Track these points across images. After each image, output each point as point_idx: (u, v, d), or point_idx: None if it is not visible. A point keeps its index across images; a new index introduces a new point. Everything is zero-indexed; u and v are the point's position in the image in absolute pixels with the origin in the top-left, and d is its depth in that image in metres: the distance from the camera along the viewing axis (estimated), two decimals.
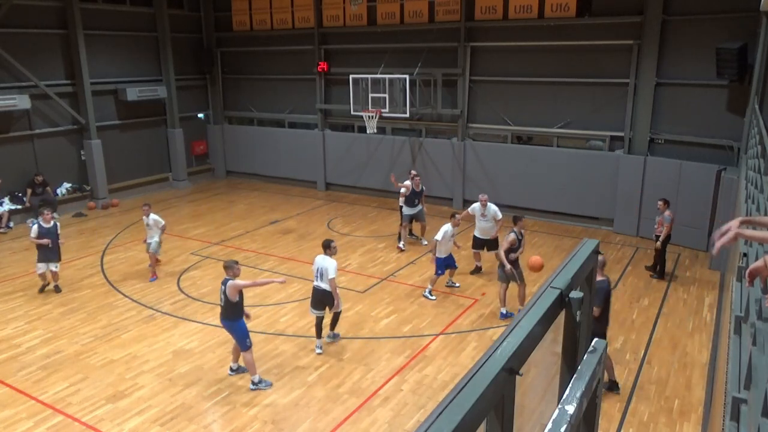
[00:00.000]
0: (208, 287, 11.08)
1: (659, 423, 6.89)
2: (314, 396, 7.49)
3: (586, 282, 2.55)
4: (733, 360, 3.13)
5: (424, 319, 9.66)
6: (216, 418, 7.08)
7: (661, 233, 11.00)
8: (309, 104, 18.90)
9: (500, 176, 15.72)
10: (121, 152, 18.19)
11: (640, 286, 11.08)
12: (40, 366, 8.24)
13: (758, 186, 5.60)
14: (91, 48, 16.82)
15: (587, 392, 2.23)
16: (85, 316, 9.87)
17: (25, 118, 15.86)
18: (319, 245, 13.38)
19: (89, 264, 12.40)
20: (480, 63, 15.81)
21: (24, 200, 15.48)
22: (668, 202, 11.16)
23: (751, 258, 3.83)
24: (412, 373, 8.02)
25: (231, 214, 16.09)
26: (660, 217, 11.11)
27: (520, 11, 14.68)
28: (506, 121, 15.68)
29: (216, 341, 8.94)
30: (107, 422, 6.95)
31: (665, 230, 10.95)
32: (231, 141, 20.95)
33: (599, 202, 14.41)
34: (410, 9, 16.37)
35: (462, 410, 1.40)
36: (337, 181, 18.91)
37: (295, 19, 18.49)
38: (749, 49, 11.42)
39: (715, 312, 9.84)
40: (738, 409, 2.57)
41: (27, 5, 15.51)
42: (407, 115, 15.47)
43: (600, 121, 14.35)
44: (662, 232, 10.97)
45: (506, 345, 1.73)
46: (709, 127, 12.88)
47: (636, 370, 8.07)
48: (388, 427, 6.86)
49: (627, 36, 13.49)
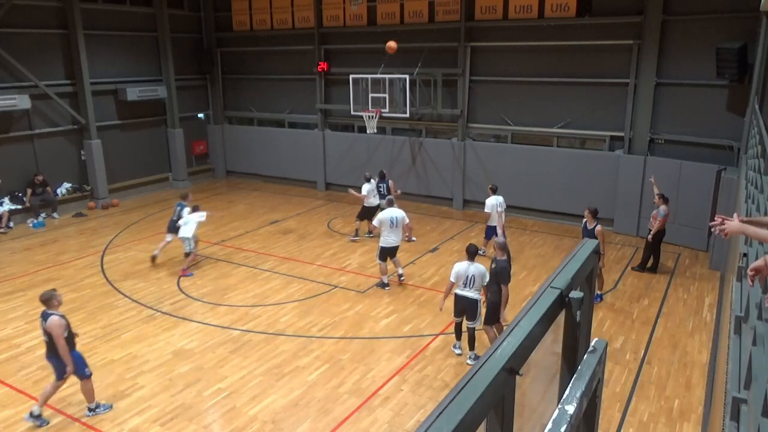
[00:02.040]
0: (208, 287, 11.08)
1: (659, 423, 6.89)
2: (314, 396, 7.48)
3: (586, 282, 2.55)
4: (733, 360, 3.13)
5: (424, 319, 9.66)
6: (216, 418, 7.08)
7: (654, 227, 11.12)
8: (309, 104, 18.90)
9: (500, 176, 15.70)
10: (121, 152, 18.19)
11: (640, 286, 11.08)
12: (40, 366, 8.22)
13: (758, 186, 5.60)
14: (91, 48, 16.82)
15: (587, 392, 2.24)
16: (85, 316, 9.86)
17: (25, 118, 15.85)
18: (320, 245, 13.45)
19: (89, 264, 12.41)
20: (480, 63, 15.81)
21: (24, 200, 15.48)
22: (667, 199, 11.20)
23: (751, 258, 3.83)
24: (412, 373, 8.02)
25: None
26: (655, 211, 11.20)
27: (520, 11, 14.68)
28: (506, 121, 15.68)
29: (216, 341, 8.94)
30: (107, 422, 6.95)
31: (658, 224, 11.06)
32: (231, 141, 20.95)
33: (599, 202, 14.31)
34: (410, 9, 16.37)
35: (462, 410, 1.40)
36: (337, 181, 18.90)
37: (295, 19, 18.49)
38: (749, 49, 11.42)
39: (715, 312, 9.84)
40: (738, 409, 2.57)
41: (27, 5, 15.51)
42: (407, 115, 15.48)
43: (600, 121, 14.35)
44: (655, 227, 11.06)
45: (506, 345, 1.73)
46: (709, 127, 12.88)
47: (636, 370, 8.07)
48: (388, 427, 6.86)
49: (627, 36, 13.49)
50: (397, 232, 10.66)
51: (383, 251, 10.72)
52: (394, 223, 10.55)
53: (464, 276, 8.07)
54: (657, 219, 11.09)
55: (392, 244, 10.65)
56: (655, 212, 11.19)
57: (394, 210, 10.72)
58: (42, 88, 15.81)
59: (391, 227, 10.56)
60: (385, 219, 10.57)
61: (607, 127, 14.30)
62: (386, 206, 10.96)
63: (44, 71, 16.01)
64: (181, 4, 19.67)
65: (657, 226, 11.10)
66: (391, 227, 10.56)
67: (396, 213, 10.64)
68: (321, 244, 13.55)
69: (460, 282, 8.13)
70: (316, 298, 10.56)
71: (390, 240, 10.62)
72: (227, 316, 9.84)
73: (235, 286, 11.12)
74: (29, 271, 11.95)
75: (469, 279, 8.03)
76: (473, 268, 8.04)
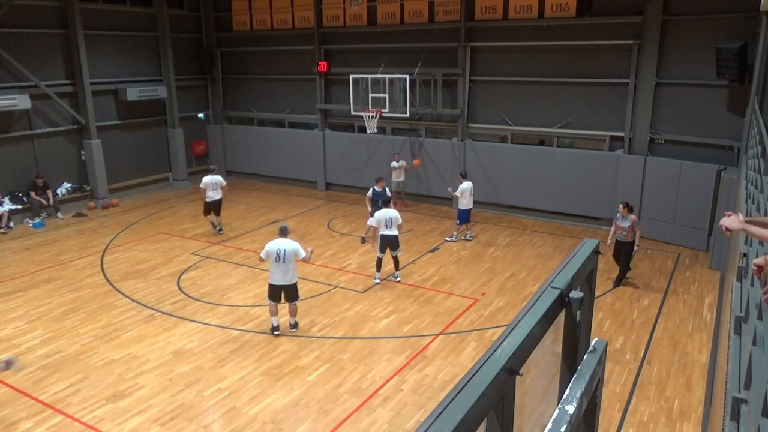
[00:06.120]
0: (208, 287, 11.08)
1: (659, 423, 6.90)
2: (314, 396, 7.49)
3: (586, 282, 2.55)
4: (733, 360, 3.12)
5: (424, 319, 9.66)
6: (216, 418, 7.08)
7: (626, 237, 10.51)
8: (309, 104, 18.90)
9: (500, 176, 15.73)
10: (121, 152, 18.19)
11: (640, 286, 11.08)
12: (40, 366, 8.24)
13: (758, 186, 5.59)
14: (91, 48, 16.82)
15: (587, 392, 2.24)
16: (85, 316, 9.87)
17: (25, 118, 15.85)
18: (320, 245, 13.45)
19: (89, 264, 12.41)
20: (480, 63, 15.81)
21: (25, 200, 15.50)
22: (631, 207, 10.64)
23: (751, 258, 3.83)
24: (412, 373, 8.02)
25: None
26: (620, 222, 10.52)
27: (520, 11, 14.68)
28: (506, 121, 15.68)
29: (216, 341, 8.94)
30: (107, 422, 6.95)
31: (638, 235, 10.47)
32: (231, 141, 20.95)
33: (599, 202, 14.41)
34: (410, 9, 16.37)
35: (462, 410, 1.40)
36: (337, 181, 18.91)
37: (295, 19, 18.49)
38: (749, 49, 11.42)
39: (715, 312, 9.84)
40: (738, 409, 2.57)
41: (27, 5, 15.50)
42: (407, 115, 15.48)
43: (600, 121, 14.35)
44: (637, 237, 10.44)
45: (506, 345, 1.73)
46: (709, 127, 12.88)
47: (636, 370, 8.07)
48: (388, 427, 6.86)
49: (627, 36, 13.49)
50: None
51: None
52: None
53: (384, 219, 10.68)
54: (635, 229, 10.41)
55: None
56: (621, 222, 10.51)
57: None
58: (42, 88, 15.81)
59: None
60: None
61: (607, 127, 14.30)
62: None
63: (44, 71, 16.01)
64: (181, 4, 19.67)
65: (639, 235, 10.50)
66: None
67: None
68: (321, 244, 13.55)
69: (381, 225, 10.67)
70: (316, 298, 10.56)
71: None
72: (227, 316, 9.85)
73: (235, 286, 11.12)
74: (29, 271, 11.95)
75: (387, 221, 10.68)
76: (391, 213, 10.75)
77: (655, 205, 13.52)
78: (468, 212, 13.43)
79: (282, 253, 8.73)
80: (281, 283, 8.83)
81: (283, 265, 8.75)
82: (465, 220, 13.49)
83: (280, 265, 8.75)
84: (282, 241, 8.89)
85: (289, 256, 8.75)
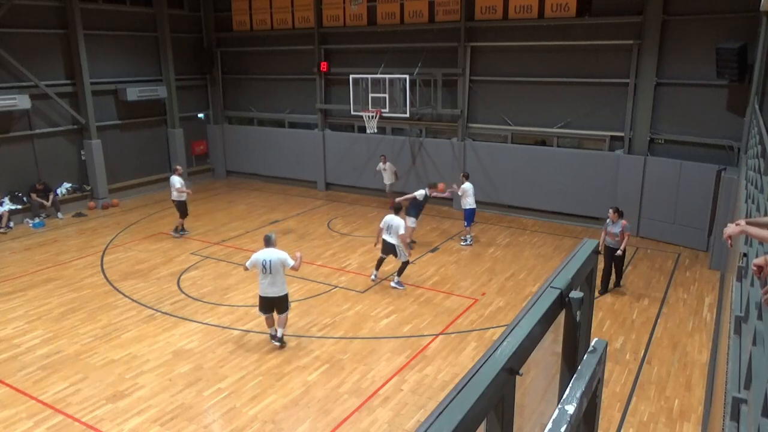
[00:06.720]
0: (208, 287, 11.08)
1: (659, 423, 6.90)
2: (314, 396, 7.48)
3: (586, 282, 2.55)
4: (733, 360, 3.12)
5: (424, 319, 9.66)
6: (216, 418, 7.08)
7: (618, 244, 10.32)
8: (309, 104, 18.90)
9: (500, 176, 15.73)
10: (121, 152, 18.19)
11: (640, 286, 11.08)
12: (40, 366, 8.24)
13: (758, 186, 5.59)
14: (91, 48, 16.82)
15: (587, 392, 2.24)
16: (85, 316, 9.87)
17: (25, 118, 15.86)
18: (320, 245, 13.46)
19: (89, 264, 12.41)
20: (480, 63, 15.81)
21: (25, 200, 15.50)
22: (621, 213, 10.49)
23: (751, 258, 3.83)
24: (412, 373, 8.02)
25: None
26: (611, 227, 10.36)
27: (520, 11, 14.68)
28: (506, 121, 15.68)
29: (216, 341, 8.94)
30: (107, 422, 6.95)
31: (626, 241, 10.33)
32: (231, 141, 20.95)
33: (599, 202, 14.39)
34: (410, 9, 16.37)
35: (462, 410, 1.40)
36: (337, 181, 18.91)
37: (295, 19, 18.49)
38: (749, 49, 11.42)
39: (715, 312, 9.84)
40: (738, 409, 2.57)
41: (27, 5, 15.51)
42: (407, 115, 15.48)
43: (600, 121, 14.35)
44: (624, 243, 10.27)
45: (506, 345, 1.73)
46: (709, 127, 12.88)
47: (636, 370, 8.07)
48: (388, 427, 6.86)
49: (627, 36, 13.49)
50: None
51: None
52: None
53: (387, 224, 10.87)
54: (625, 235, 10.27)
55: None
56: (612, 228, 10.35)
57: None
58: (42, 88, 15.81)
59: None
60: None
61: (607, 127, 14.30)
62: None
63: (44, 71, 16.01)
64: (181, 4, 19.68)
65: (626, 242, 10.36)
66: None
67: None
68: (321, 244, 13.55)
69: (383, 229, 10.90)
70: (316, 298, 10.57)
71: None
72: (227, 316, 9.85)
73: (235, 286, 11.12)
74: (29, 271, 11.96)
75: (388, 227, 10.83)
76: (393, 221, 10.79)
77: (655, 205, 13.53)
78: (473, 212, 13.48)
79: (268, 263, 8.34)
80: (270, 294, 8.50)
81: (271, 276, 8.39)
82: (471, 221, 13.55)
83: (268, 276, 8.40)
84: (268, 251, 8.47)
85: (275, 266, 8.37)
